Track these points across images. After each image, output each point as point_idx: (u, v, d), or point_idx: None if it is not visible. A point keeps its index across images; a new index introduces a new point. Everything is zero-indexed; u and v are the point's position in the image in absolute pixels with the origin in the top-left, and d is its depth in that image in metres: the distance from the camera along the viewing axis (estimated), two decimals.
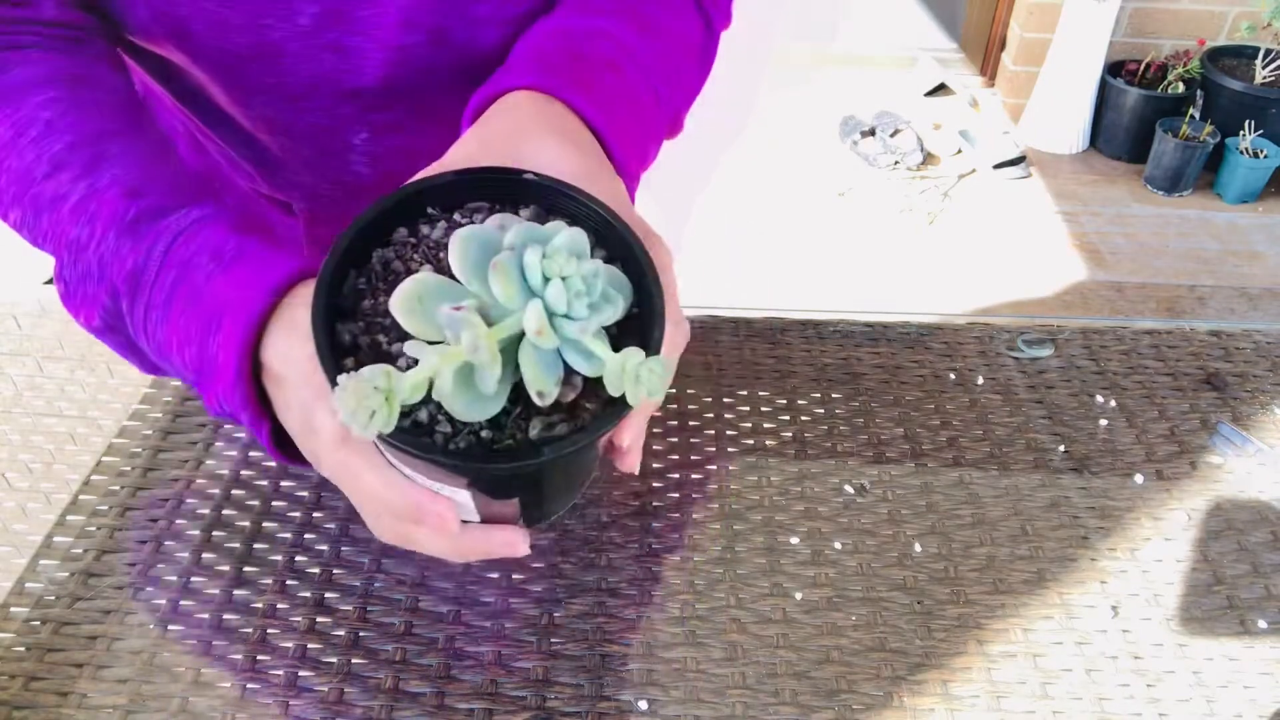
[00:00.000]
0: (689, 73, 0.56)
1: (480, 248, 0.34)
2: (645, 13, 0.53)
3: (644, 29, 0.52)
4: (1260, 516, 0.59)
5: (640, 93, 0.49)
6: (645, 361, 0.32)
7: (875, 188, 2.51)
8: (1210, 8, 2.57)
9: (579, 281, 0.34)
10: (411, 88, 0.58)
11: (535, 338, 0.33)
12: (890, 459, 0.62)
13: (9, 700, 0.47)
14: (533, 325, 0.32)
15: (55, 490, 0.58)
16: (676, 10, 0.55)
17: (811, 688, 0.49)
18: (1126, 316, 2.08)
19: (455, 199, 0.39)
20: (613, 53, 0.49)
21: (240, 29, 0.51)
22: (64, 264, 0.43)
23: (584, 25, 0.50)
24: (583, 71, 0.47)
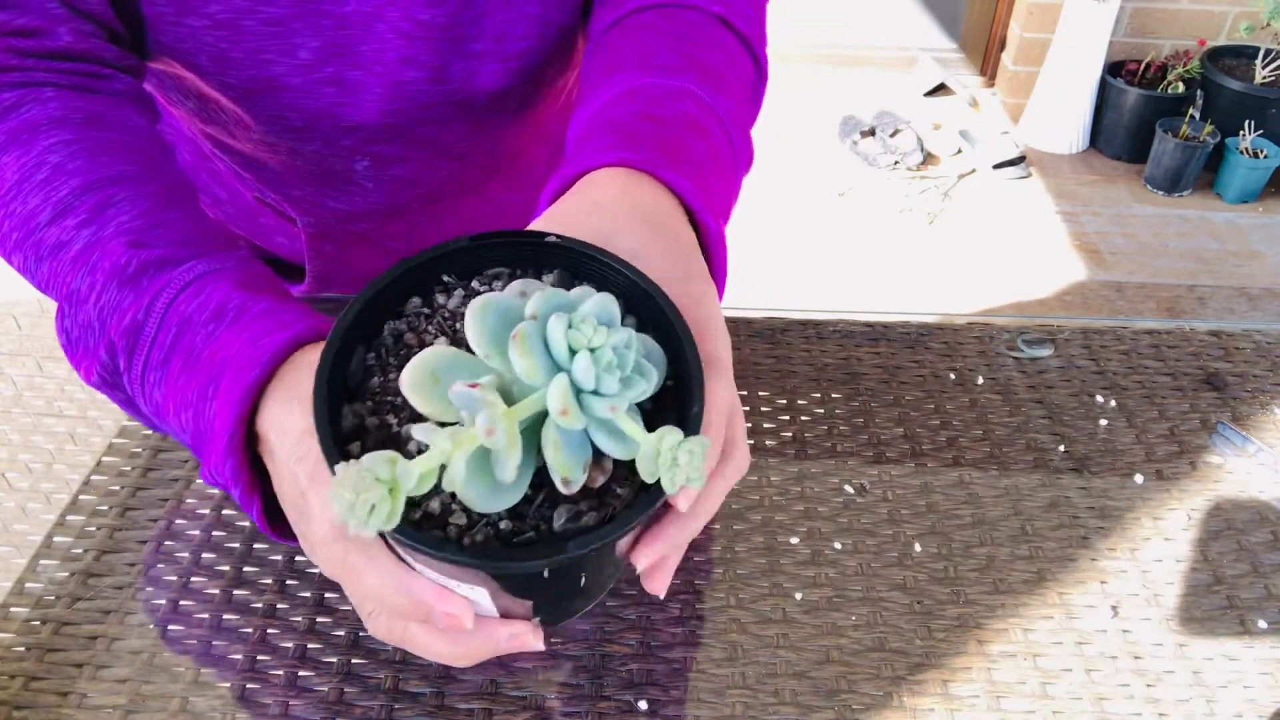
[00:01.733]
0: (748, 115, 0.53)
1: (499, 317, 0.31)
2: (709, 63, 0.49)
3: (712, 81, 0.48)
4: (1260, 516, 0.59)
5: (722, 151, 0.46)
6: (684, 443, 0.29)
7: (875, 188, 2.51)
8: (1210, 8, 2.57)
9: (609, 353, 0.31)
10: (411, 122, 0.58)
11: (560, 419, 0.29)
12: (890, 459, 0.62)
13: (9, 700, 0.47)
14: (557, 405, 0.29)
15: (55, 490, 0.58)
16: (732, 55, 0.52)
17: (811, 688, 0.49)
18: (1126, 316, 2.08)
19: (473, 265, 0.36)
20: (693, 112, 0.45)
21: (241, 64, 0.52)
22: (64, 315, 0.41)
23: (656, 85, 0.46)
24: (667, 140, 0.43)
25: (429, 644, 0.36)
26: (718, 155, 0.45)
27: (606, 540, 0.30)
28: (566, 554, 0.30)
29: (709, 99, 0.47)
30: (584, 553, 0.30)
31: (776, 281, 2.19)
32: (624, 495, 0.32)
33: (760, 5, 0.57)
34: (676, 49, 0.49)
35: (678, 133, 0.44)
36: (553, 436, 0.30)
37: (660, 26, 0.51)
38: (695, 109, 0.46)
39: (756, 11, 0.56)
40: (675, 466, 0.29)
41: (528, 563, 0.30)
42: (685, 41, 0.50)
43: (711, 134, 0.46)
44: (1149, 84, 2.53)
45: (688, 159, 0.43)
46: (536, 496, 0.32)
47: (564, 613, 0.39)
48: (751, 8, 0.55)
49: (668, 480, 0.29)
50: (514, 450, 0.29)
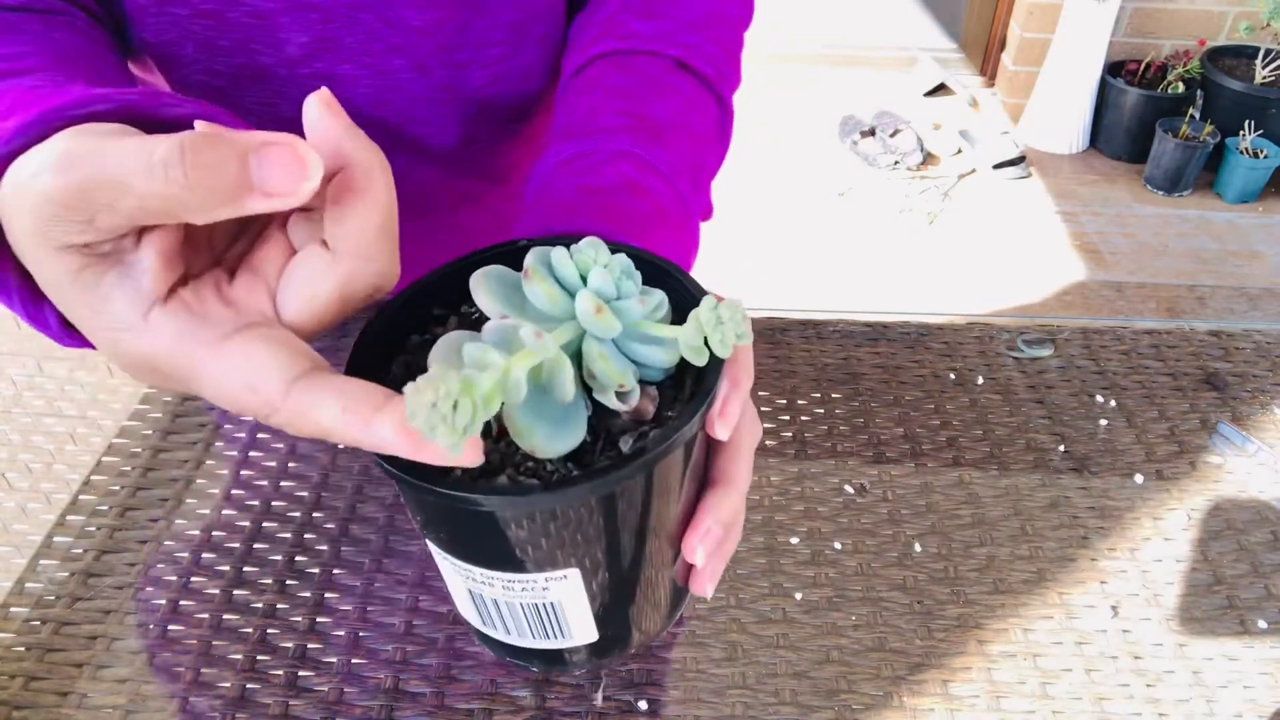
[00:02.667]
0: (710, 157, 0.53)
1: (501, 280, 0.32)
2: (656, 116, 0.50)
3: (657, 136, 0.48)
4: (1260, 516, 0.59)
5: (668, 206, 0.46)
6: (719, 305, 0.28)
7: (875, 188, 2.51)
8: (1210, 8, 2.57)
9: (618, 268, 0.31)
10: (400, 118, 0.58)
11: (595, 319, 0.29)
12: (890, 459, 0.62)
13: (9, 700, 0.47)
14: (589, 306, 0.29)
15: (55, 490, 0.58)
16: (688, 100, 0.52)
17: (811, 688, 0.49)
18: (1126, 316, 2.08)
19: (458, 292, 0.36)
20: (631, 174, 0.46)
21: (230, 51, 0.52)
22: None
23: (596, 150, 0.47)
24: (606, 206, 0.44)
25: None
26: (663, 211, 0.46)
27: (692, 423, 0.30)
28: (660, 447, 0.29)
29: (649, 156, 0.47)
30: (669, 444, 0.29)
31: (776, 281, 2.20)
32: (678, 416, 0.31)
33: (730, 45, 0.56)
34: (621, 108, 0.49)
35: (616, 198, 0.44)
36: (595, 350, 0.30)
37: (609, 83, 0.51)
38: (634, 170, 0.46)
39: (724, 51, 0.55)
40: (720, 325, 0.28)
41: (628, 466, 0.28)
42: (631, 97, 0.50)
43: (653, 192, 0.46)
44: (1149, 84, 2.53)
45: (630, 220, 0.43)
46: (596, 445, 0.31)
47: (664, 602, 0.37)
48: (717, 48, 0.55)
49: (717, 342, 0.28)
50: (565, 362, 0.28)
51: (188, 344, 0.27)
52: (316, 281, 0.29)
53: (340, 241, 0.28)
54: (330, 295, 0.29)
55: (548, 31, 0.58)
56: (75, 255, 0.26)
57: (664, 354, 0.31)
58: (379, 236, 0.29)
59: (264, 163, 0.25)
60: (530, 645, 0.36)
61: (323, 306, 0.29)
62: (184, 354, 0.28)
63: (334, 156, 0.28)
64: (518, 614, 0.34)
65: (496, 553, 0.31)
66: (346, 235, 0.28)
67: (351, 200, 0.28)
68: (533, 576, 0.32)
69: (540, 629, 0.34)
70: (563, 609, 0.33)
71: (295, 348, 0.28)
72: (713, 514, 0.35)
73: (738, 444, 0.36)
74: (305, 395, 0.27)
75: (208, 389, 0.28)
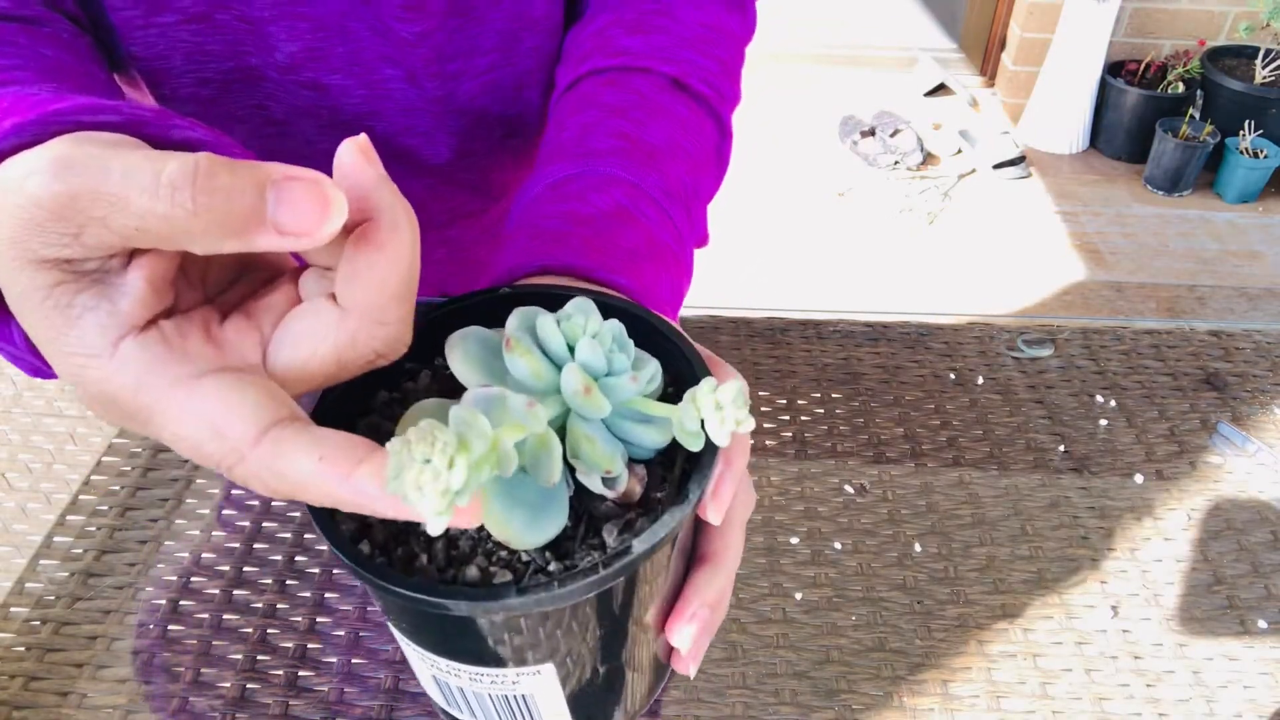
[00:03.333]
0: (706, 181, 0.51)
1: (481, 343, 0.29)
2: (649, 139, 0.47)
3: (650, 159, 0.46)
4: (1260, 516, 0.59)
5: (659, 234, 0.44)
6: (718, 389, 0.26)
7: (875, 188, 2.51)
8: (1210, 8, 2.57)
9: (610, 335, 0.28)
10: (392, 129, 0.57)
11: (583, 400, 0.27)
12: (890, 459, 0.62)
13: (9, 700, 0.47)
14: (576, 385, 0.27)
15: (55, 490, 0.58)
16: (683, 122, 0.50)
17: (811, 688, 0.49)
18: (1126, 316, 2.08)
19: (431, 344, 0.33)
20: (622, 201, 0.44)
21: (220, 56, 0.51)
22: None
23: (584, 175, 0.45)
24: (594, 237, 0.41)
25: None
26: (655, 241, 0.43)
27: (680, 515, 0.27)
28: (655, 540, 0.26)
29: (640, 181, 0.45)
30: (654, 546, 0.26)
31: (776, 281, 2.20)
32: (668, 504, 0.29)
33: (729, 62, 0.54)
34: (613, 129, 0.47)
35: (604, 227, 0.42)
36: (581, 431, 0.28)
37: (603, 101, 0.49)
38: (625, 196, 0.44)
39: (723, 68, 0.53)
40: (720, 411, 0.25)
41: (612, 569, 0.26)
42: (624, 118, 0.48)
43: (644, 219, 0.44)
44: (1149, 84, 2.53)
45: (619, 252, 0.41)
46: (576, 530, 0.29)
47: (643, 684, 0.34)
48: (715, 65, 0.53)
49: (715, 429, 0.26)
50: (553, 441, 0.26)
51: (154, 378, 0.25)
52: (317, 337, 0.26)
53: (351, 298, 0.26)
54: (328, 354, 0.26)
55: (540, 43, 0.57)
56: (52, 270, 0.24)
57: (656, 434, 0.29)
58: (395, 299, 0.26)
59: (282, 197, 0.23)
60: None
61: (318, 366, 0.27)
62: (148, 389, 0.25)
63: (360, 205, 0.25)
64: (486, 703, 0.32)
65: (464, 649, 0.29)
66: (360, 291, 0.26)
67: (372, 255, 0.25)
68: (503, 671, 0.29)
69: (513, 718, 0.32)
70: (535, 701, 0.31)
71: (274, 394, 0.25)
72: (699, 597, 0.33)
73: (729, 520, 0.34)
74: (278, 444, 0.24)
75: (168, 429, 0.25)
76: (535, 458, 0.26)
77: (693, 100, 0.51)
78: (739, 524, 0.34)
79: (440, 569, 0.28)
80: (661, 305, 0.41)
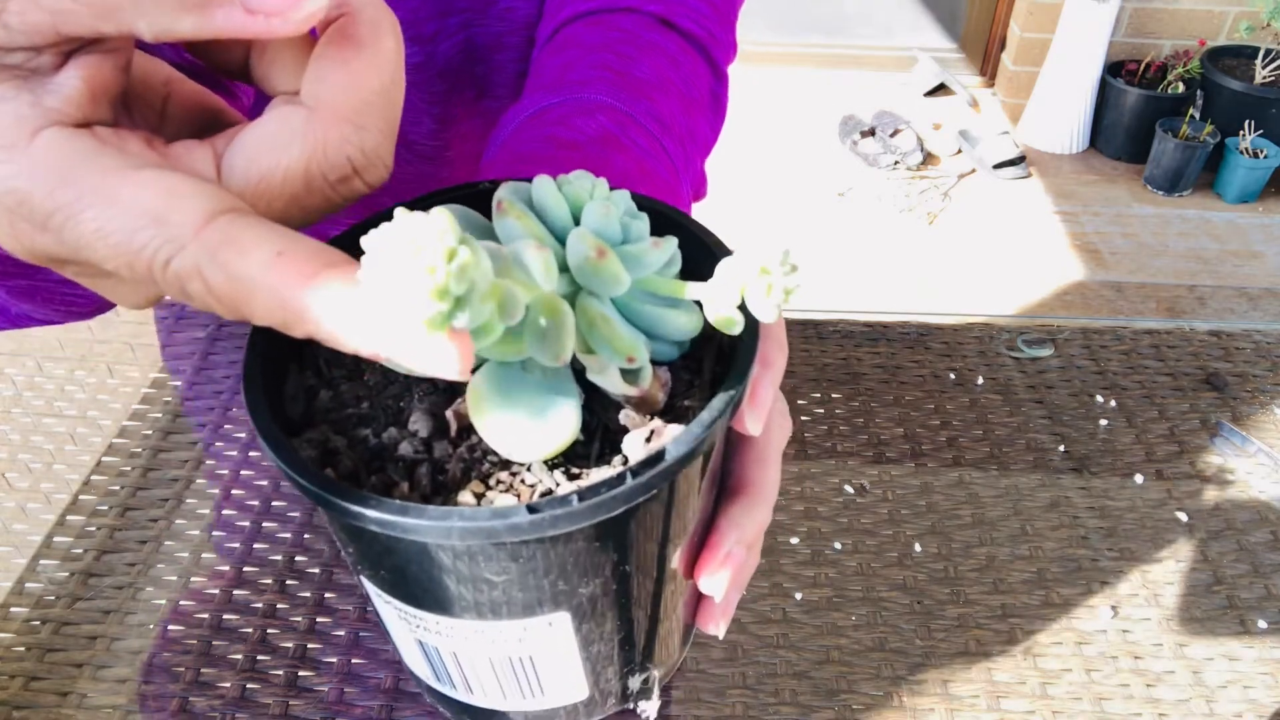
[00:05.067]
0: (702, 125, 0.48)
1: (466, 220, 0.24)
2: (636, 72, 0.43)
3: (638, 90, 0.42)
4: (1260, 516, 0.59)
5: (653, 165, 0.40)
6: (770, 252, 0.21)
7: (875, 188, 2.51)
8: (1210, 8, 2.57)
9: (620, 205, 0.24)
10: None
11: (597, 266, 0.22)
12: (890, 459, 0.62)
13: (9, 700, 0.47)
14: (588, 247, 0.22)
15: (55, 490, 0.58)
16: (673, 58, 0.46)
17: (811, 688, 0.49)
18: (1126, 316, 2.08)
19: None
20: (609, 127, 0.39)
21: None
22: None
23: (566, 102, 0.41)
24: (574, 158, 0.37)
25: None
26: (646, 170, 0.39)
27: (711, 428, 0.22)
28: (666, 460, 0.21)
29: (629, 109, 0.41)
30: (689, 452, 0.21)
31: None
32: (694, 404, 0.24)
33: (723, 7, 0.51)
34: (596, 61, 0.43)
35: (590, 152, 0.38)
36: (595, 310, 0.22)
37: (584, 40, 0.46)
38: (612, 122, 0.40)
39: (715, 11, 0.49)
40: (766, 274, 0.21)
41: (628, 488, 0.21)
42: (609, 51, 0.44)
43: (634, 145, 0.40)
44: (1149, 84, 2.53)
45: (610, 174, 0.37)
46: (590, 447, 0.24)
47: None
48: (706, 6, 0.49)
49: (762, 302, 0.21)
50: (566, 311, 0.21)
51: (81, 170, 0.20)
52: (280, 144, 0.21)
53: (322, 96, 0.21)
54: (295, 164, 0.21)
55: (513, 4, 0.55)
56: None
57: (685, 319, 0.24)
58: (375, 101, 0.22)
59: None
60: (500, 707, 0.28)
61: (282, 179, 0.21)
62: (71, 182, 0.19)
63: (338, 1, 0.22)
64: (482, 669, 0.26)
65: (458, 598, 0.24)
66: (333, 89, 0.21)
67: (347, 50, 0.21)
68: (506, 625, 0.24)
69: (513, 687, 0.27)
70: (543, 661, 0.26)
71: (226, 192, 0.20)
72: (737, 531, 0.28)
73: (766, 442, 0.29)
74: (229, 229, 0.19)
75: (91, 223, 0.19)
76: (541, 331, 0.21)
77: (683, 39, 0.48)
78: (776, 450, 0.30)
79: (425, 497, 0.23)
80: None
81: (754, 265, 0.21)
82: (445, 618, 0.24)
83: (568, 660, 0.26)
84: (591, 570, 0.23)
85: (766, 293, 0.21)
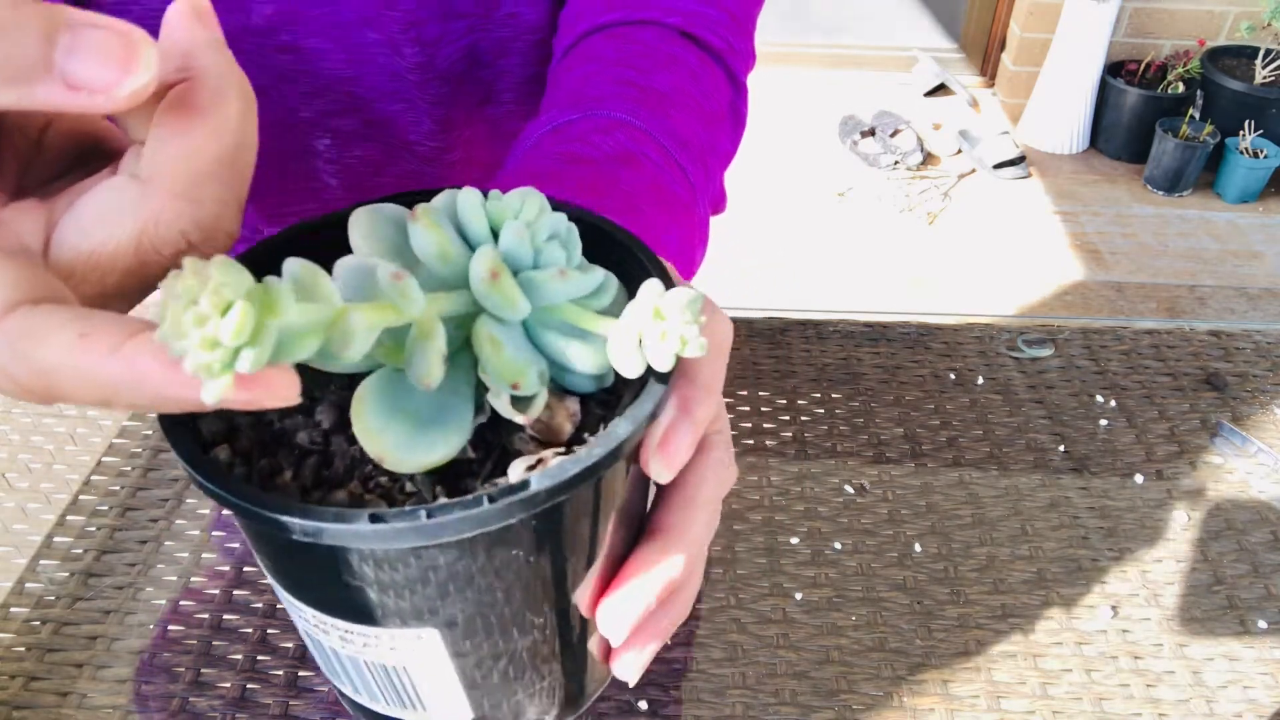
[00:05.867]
0: (722, 139, 0.47)
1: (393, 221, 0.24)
2: (657, 86, 0.43)
3: (659, 106, 0.42)
4: (1260, 516, 0.59)
5: (668, 182, 0.39)
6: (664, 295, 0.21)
7: (875, 188, 2.51)
8: (1210, 8, 2.57)
9: (547, 229, 0.23)
10: (372, 92, 0.57)
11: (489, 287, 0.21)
12: (890, 459, 0.62)
13: (9, 700, 0.47)
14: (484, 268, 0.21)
15: (55, 490, 0.58)
16: (694, 72, 0.46)
17: (811, 688, 0.49)
18: (1126, 316, 2.08)
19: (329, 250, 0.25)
20: (626, 144, 0.39)
21: None
22: None
23: (584, 120, 0.41)
24: (595, 179, 0.37)
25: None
26: (662, 188, 0.39)
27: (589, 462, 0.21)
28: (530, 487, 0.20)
29: (647, 127, 0.40)
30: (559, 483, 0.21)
31: (776, 281, 2.19)
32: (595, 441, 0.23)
33: (742, 17, 0.51)
34: (616, 75, 0.43)
35: (607, 169, 0.37)
36: (485, 332, 0.21)
37: (603, 54, 0.46)
38: (628, 140, 0.39)
39: (734, 21, 0.49)
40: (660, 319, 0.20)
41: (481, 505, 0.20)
42: (629, 66, 0.44)
43: (650, 163, 0.39)
44: (1149, 84, 2.53)
45: (619, 194, 0.36)
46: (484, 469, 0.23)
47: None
48: (725, 16, 0.49)
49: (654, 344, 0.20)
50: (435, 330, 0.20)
51: None
52: (113, 218, 0.21)
53: (157, 168, 0.21)
54: (126, 239, 0.21)
55: (518, 10, 0.55)
56: None
57: (591, 354, 0.23)
58: (211, 175, 0.21)
59: (77, 43, 0.19)
60: (385, 712, 0.28)
61: (112, 251, 0.21)
62: None
63: (181, 65, 0.21)
64: (363, 673, 0.26)
65: (332, 597, 0.23)
66: (166, 160, 0.21)
67: (185, 120, 0.21)
68: (377, 632, 0.24)
69: (393, 695, 0.27)
70: (418, 675, 0.25)
71: (38, 277, 0.20)
72: (640, 573, 0.26)
73: (691, 491, 0.27)
74: (29, 319, 0.19)
75: None
76: (411, 350, 0.21)
77: (703, 52, 0.47)
78: (705, 501, 0.28)
79: (305, 488, 0.23)
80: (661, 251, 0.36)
81: (648, 309, 0.20)
82: (323, 614, 0.24)
83: (445, 679, 0.25)
84: (457, 592, 0.23)
85: (661, 338, 0.20)
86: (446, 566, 0.22)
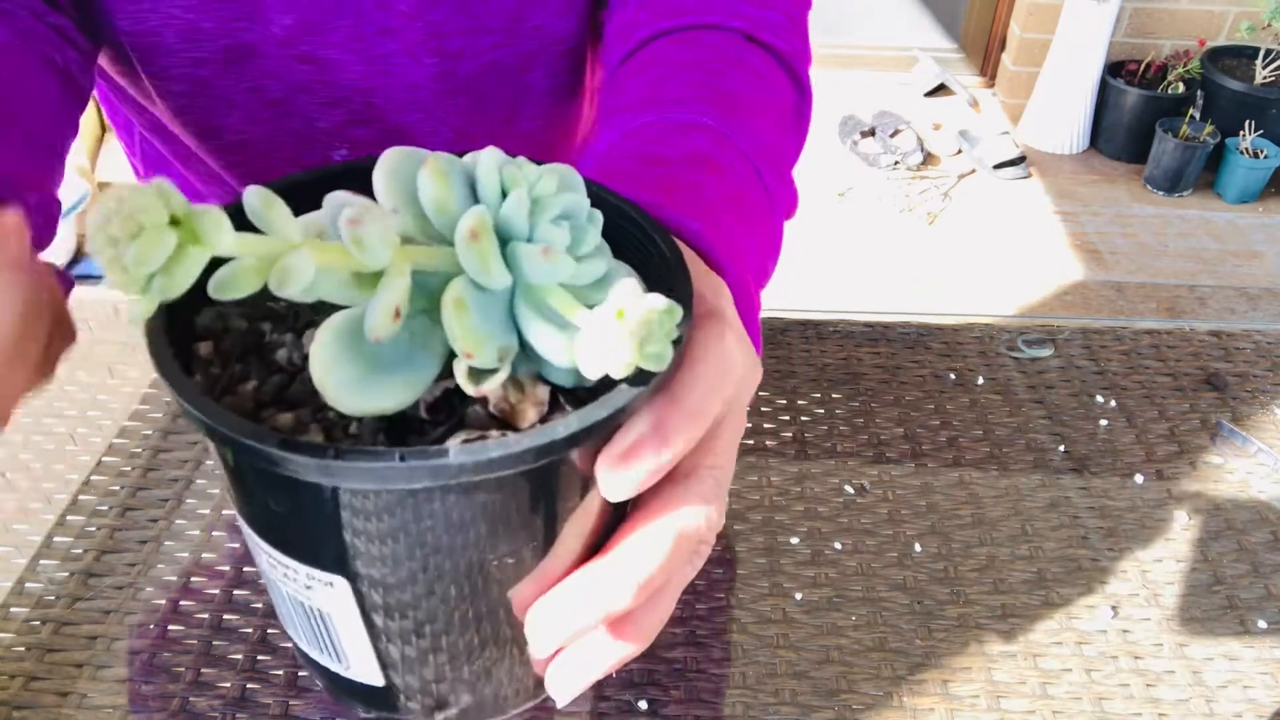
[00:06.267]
0: (790, 143, 0.46)
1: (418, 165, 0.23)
2: (729, 89, 0.43)
3: (733, 109, 0.41)
4: (1260, 516, 0.59)
5: (747, 189, 0.39)
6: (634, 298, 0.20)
7: (875, 188, 2.51)
8: (1210, 8, 2.57)
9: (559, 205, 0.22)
10: (391, 103, 0.57)
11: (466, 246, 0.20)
12: (890, 459, 0.62)
13: (9, 700, 0.47)
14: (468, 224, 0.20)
15: (55, 490, 0.58)
16: (762, 75, 0.46)
17: (811, 688, 0.49)
18: (1126, 316, 2.08)
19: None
20: (705, 147, 0.38)
21: (214, 34, 0.51)
22: None
23: (662, 121, 0.40)
24: (671, 181, 0.36)
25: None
26: (742, 196, 0.38)
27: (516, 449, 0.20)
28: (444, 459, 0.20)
29: (726, 130, 0.39)
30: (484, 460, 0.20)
31: (777, 281, 2.19)
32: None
33: (798, 18, 0.50)
34: (689, 78, 0.43)
35: (685, 172, 0.36)
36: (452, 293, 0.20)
37: (672, 57, 0.45)
38: (708, 143, 0.38)
39: (792, 23, 0.49)
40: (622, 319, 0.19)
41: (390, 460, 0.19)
42: (700, 69, 0.43)
43: (730, 170, 0.38)
44: (1149, 84, 2.53)
45: (697, 199, 0.35)
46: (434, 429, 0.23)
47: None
48: (785, 19, 0.49)
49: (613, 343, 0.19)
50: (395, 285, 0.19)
51: None
52: None
53: None
54: None
55: (545, 22, 0.55)
56: None
57: (563, 346, 0.21)
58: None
59: None
60: (317, 659, 0.27)
61: None
62: None
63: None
64: (290, 609, 0.26)
65: (263, 519, 0.24)
66: None
67: None
68: (295, 566, 0.24)
69: (315, 639, 0.26)
70: (334, 624, 0.25)
71: None
72: (576, 589, 0.24)
73: (658, 519, 0.25)
74: None
75: None
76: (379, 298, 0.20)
77: (769, 55, 0.47)
78: (674, 534, 0.25)
79: (261, 404, 0.23)
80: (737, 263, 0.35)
81: (613, 310, 0.19)
82: (256, 537, 0.24)
83: (355, 634, 0.24)
84: (365, 545, 0.22)
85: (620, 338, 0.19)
86: (354, 515, 0.21)
